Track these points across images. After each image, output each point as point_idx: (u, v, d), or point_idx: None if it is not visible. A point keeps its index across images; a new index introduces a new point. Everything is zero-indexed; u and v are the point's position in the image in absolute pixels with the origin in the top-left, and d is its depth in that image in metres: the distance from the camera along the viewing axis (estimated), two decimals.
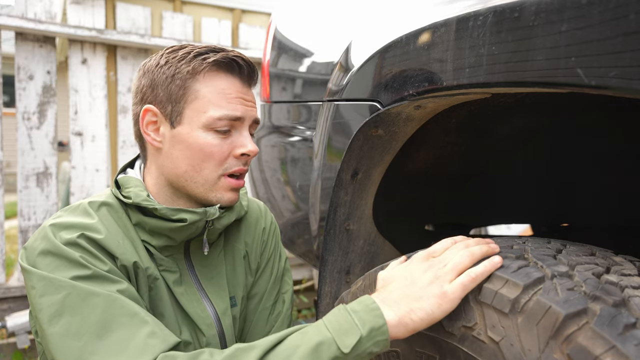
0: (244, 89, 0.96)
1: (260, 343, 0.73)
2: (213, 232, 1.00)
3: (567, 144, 1.25)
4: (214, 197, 0.95)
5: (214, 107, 0.91)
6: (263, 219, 1.18)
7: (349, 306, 0.76)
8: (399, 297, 0.75)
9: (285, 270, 1.20)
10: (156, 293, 0.93)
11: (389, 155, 1.11)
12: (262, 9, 3.56)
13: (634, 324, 0.56)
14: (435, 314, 0.72)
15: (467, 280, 0.72)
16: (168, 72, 0.91)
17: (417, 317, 0.73)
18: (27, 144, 2.66)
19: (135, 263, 0.89)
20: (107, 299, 0.78)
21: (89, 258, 0.82)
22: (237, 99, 0.93)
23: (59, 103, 2.80)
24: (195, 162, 0.92)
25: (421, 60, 0.85)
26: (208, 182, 0.94)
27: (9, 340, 2.53)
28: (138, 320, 0.78)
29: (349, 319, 0.73)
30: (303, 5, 1.51)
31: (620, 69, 0.53)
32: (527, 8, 0.64)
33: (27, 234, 2.67)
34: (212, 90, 0.92)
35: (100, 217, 0.91)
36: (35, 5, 2.67)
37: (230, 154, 0.93)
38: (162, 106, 0.93)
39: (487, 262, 0.74)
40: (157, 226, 0.92)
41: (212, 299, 1.01)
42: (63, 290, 0.78)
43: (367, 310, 0.73)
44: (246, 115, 0.94)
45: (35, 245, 0.83)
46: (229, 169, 0.94)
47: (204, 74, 0.92)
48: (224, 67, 0.93)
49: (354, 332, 0.71)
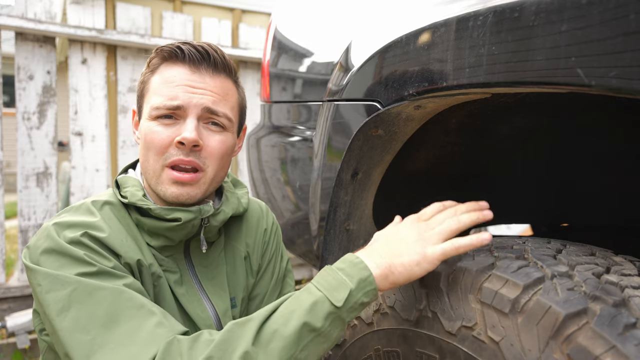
0: (192, 77, 0.92)
1: (256, 315, 0.76)
2: (210, 230, 0.99)
3: (567, 144, 1.25)
4: (160, 190, 0.93)
5: (154, 96, 0.92)
6: (264, 220, 1.18)
7: (334, 265, 0.80)
8: (383, 252, 0.81)
9: (287, 271, 1.20)
10: (160, 291, 0.93)
11: (389, 155, 1.11)
12: (262, 9, 3.55)
13: (634, 324, 0.56)
14: (414, 271, 0.77)
15: (450, 248, 0.76)
16: (142, 71, 0.98)
17: (396, 270, 0.78)
18: (27, 144, 2.66)
19: (139, 261, 0.89)
20: (114, 291, 0.79)
21: (93, 255, 0.82)
22: (181, 86, 0.91)
23: (59, 103, 2.80)
24: (144, 152, 0.94)
25: (421, 60, 0.85)
26: (155, 173, 0.93)
27: (9, 340, 2.53)
28: (145, 311, 0.79)
29: (337, 276, 0.77)
30: (303, 5, 1.51)
31: (620, 69, 0.53)
32: (527, 8, 0.64)
33: (27, 233, 2.67)
34: (159, 80, 0.93)
35: (103, 216, 0.91)
36: (35, 5, 2.67)
37: (171, 143, 0.91)
38: (137, 104, 0.99)
39: (475, 237, 0.77)
40: (154, 226, 0.92)
41: (212, 300, 1.00)
42: (69, 286, 0.78)
43: (351, 266, 0.78)
44: (189, 103, 0.90)
45: (38, 244, 0.83)
46: (169, 159, 0.91)
47: (157, 67, 0.95)
48: (170, 57, 0.93)
49: (344, 287, 0.76)
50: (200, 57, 0.92)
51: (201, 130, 0.92)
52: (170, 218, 0.91)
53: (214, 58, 0.94)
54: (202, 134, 0.92)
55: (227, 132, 0.96)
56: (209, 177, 0.94)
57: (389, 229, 0.88)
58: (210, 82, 0.93)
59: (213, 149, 0.93)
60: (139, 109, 0.99)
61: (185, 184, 0.92)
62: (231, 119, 0.96)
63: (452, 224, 0.81)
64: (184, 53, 0.92)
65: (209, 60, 0.93)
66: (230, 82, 0.98)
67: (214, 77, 0.94)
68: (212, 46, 0.95)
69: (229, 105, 0.96)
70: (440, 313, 0.78)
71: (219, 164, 0.95)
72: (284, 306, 0.77)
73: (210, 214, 0.96)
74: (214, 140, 0.93)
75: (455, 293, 0.76)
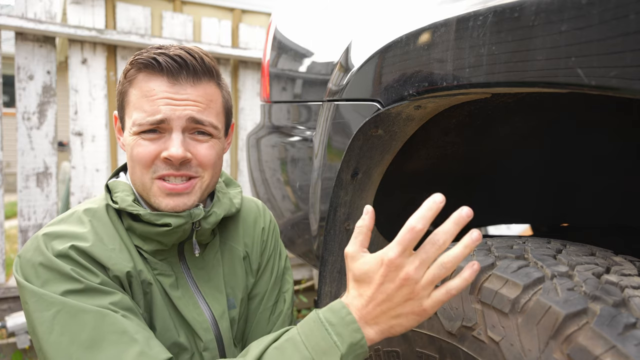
0: (173, 89, 0.87)
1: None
2: (203, 233, 0.98)
3: (567, 144, 1.25)
4: (154, 202, 0.91)
5: (136, 112, 0.88)
6: (262, 219, 1.17)
7: (324, 316, 0.74)
8: (377, 315, 0.73)
9: (286, 268, 1.19)
10: (151, 298, 0.92)
11: (389, 155, 1.11)
12: (262, 9, 3.55)
13: (634, 324, 0.56)
14: (413, 326, 0.73)
15: (446, 297, 0.70)
16: (120, 79, 0.94)
17: (396, 332, 0.73)
18: (27, 144, 2.66)
19: (128, 272, 0.88)
20: (97, 315, 0.78)
21: (80, 271, 0.82)
22: (161, 99, 0.86)
23: (59, 103, 2.80)
24: (130, 164, 0.92)
25: (421, 60, 0.85)
26: (144, 185, 0.91)
27: (9, 340, 2.53)
28: (127, 338, 0.78)
29: (326, 336, 0.72)
30: (303, 5, 1.51)
31: (620, 69, 0.53)
32: (527, 8, 0.64)
33: (27, 233, 2.67)
34: (138, 94, 0.89)
35: (94, 225, 0.90)
36: (35, 5, 2.67)
37: (157, 157, 0.88)
38: (118, 113, 0.96)
39: (466, 274, 0.68)
40: (145, 231, 0.91)
41: (209, 302, 1.00)
42: (53, 307, 0.78)
43: (343, 324, 0.72)
44: (172, 116, 0.86)
45: (28, 256, 0.84)
46: (158, 172, 0.89)
47: (134, 79, 0.90)
48: (146, 68, 0.88)
49: (334, 353, 0.71)
50: (178, 67, 0.87)
51: (188, 141, 0.89)
52: (161, 223, 0.89)
53: (193, 65, 0.88)
54: (189, 145, 0.89)
55: (215, 139, 0.94)
56: (205, 182, 0.93)
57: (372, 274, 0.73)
58: (192, 91, 0.89)
59: (203, 158, 0.91)
60: (121, 119, 0.95)
61: (180, 194, 0.90)
62: (217, 126, 0.93)
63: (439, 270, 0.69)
64: (160, 64, 0.86)
65: (188, 68, 0.88)
66: (212, 85, 0.93)
67: (195, 86, 0.89)
68: (190, 51, 0.90)
69: (214, 112, 0.93)
70: (440, 313, 0.78)
71: (213, 171, 0.94)
72: (268, 356, 0.74)
73: (201, 217, 0.94)
74: (202, 149, 0.91)
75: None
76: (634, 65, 0.52)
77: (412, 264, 0.69)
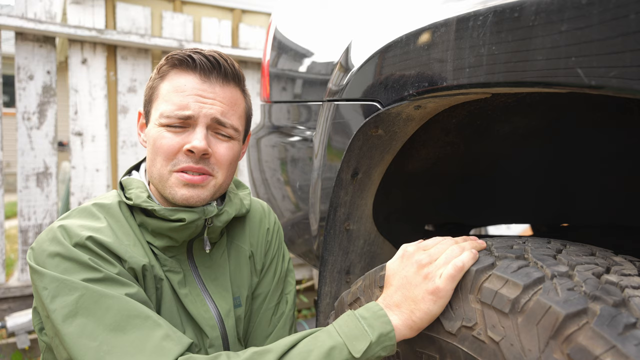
0: (203, 86, 0.93)
1: (275, 347, 0.76)
2: (214, 230, 1.00)
3: (567, 144, 1.25)
4: (169, 194, 0.93)
5: (164, 104, 0.93)
6: (267, 219, 1.19)
7: (357, 312, 0.80)
8: (399, 300, 0.79)
9: (289, 270, 1.21)
10: (161, 293, 0.93)
11: (389, 155, 1.11)
12: (262, 9, 3.55)
13: (634, 324, 0.56)
14: (433, 311, 0.76)
15: (454, 271, 0.74)
16: (151, 76, 0.99)
17: (417, 317, 0.76)
18: (27, 144, 2.66)
19: (144, 266, 0.90)
20: (120, 300, 0.80)
21: (98, 261, 0.83)
22: (191, 96, 0.92)
23: (59, 103, 2.80)
24: (151, 156, 0.95)
25: (421, 60, 0.85)
26: (162, 177, 0.94)
27: (9, 340, 2.53)
28: (151, 322, 0.79)
29: (359, 325, 0.77)
30: (303, 5, 1.51)
31: (620, 69, 0.53)
32: (527, 8, 0.64)
33: (27, 233, 2.67)
34: (169, 88, 0.93)
35: (108, 220, 0.92)
36: (35, 5, 2.67)
37: (179, 150, 0.92)
38: (144, 108, 1.00)
39: (467, 244, 0.78)
40: (158, 226, 0.93)
41: (215, 300, 1.01)
42: (76, 292, 0.79)
43: (375, 317, 0.77)
44: (199, 114, 0.91)
45: (44, 246, 0.84)
46: (178, 165, 0.92)
47: (167, 74, 0.95)
48: (181, 65, 0.94)
49: (364, 338, 0.75)
50: (211, 66, 0.93)
51: (210, 138, 0.94)
52: (175, 218, 0.92)
53: (224, 67, 0.95)
54: (211, 142, 0.94)
55: (234, 141, 0.98)
56: (219, 182, 0.97)
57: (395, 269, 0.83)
58: (220, 91, 0.94)
59: (221, 156, 0.95)
60: (146, 113, 0.99)
61: (196, 185, 0.93)
62: (238, 129, 0.98)
63: (456, 249, 0.78)
64: (195, 62, 0.92)
65: (220, 69, 0.94)
66: (238, 91, 0.99)
67: (223, 87, 0.95)
68: (222, 55, 0.96)
69: (237, 115, 0.98)
70: (440, 313, 0.78)
71: (228, 171, 0.98)
72: (303, 344, 0.77)
73: (213, 215, 0.97)
74: (222, 148, 0.95)
75: (455, 293, 0.76)
76: (634, 65, 0.52)
77: (426, 252, 0.81)
